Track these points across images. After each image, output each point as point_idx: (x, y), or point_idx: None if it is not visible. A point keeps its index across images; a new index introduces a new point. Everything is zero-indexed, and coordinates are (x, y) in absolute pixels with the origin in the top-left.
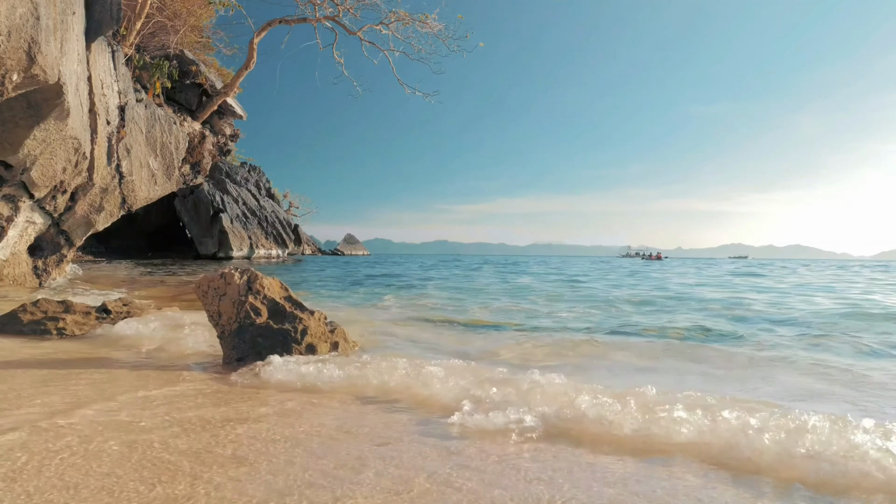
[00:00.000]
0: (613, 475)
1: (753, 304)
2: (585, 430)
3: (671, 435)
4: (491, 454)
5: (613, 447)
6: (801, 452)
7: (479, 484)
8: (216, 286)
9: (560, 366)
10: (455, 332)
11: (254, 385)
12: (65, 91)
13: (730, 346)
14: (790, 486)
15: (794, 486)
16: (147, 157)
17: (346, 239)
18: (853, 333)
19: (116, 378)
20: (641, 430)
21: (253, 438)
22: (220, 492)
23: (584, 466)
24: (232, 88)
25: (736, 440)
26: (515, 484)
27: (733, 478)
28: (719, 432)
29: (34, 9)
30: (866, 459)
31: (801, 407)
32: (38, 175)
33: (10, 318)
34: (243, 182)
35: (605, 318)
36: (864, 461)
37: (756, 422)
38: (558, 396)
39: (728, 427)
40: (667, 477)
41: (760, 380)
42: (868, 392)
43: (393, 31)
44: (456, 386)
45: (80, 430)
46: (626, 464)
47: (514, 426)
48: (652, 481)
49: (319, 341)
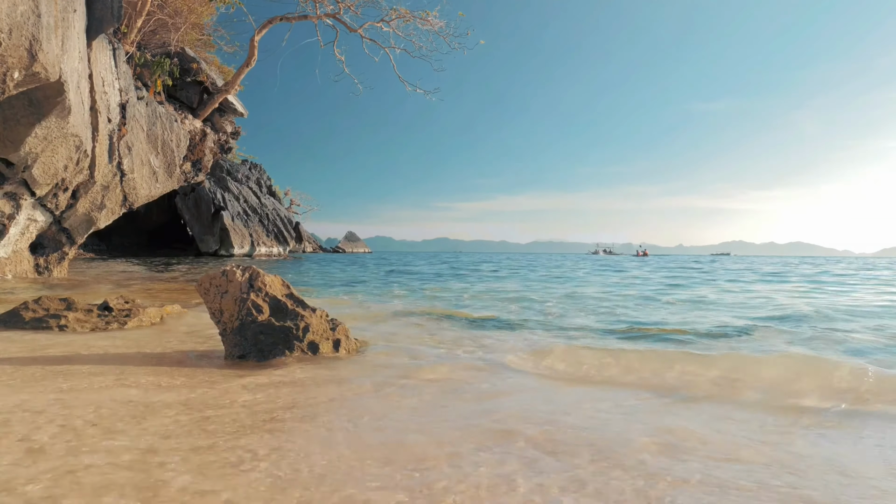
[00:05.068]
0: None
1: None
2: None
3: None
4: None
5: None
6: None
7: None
8: (218, 284)
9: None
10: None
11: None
12: (66, 89)
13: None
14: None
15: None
16: (148, 155)
17: (348, 236)
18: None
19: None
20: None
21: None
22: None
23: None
24: (233, 86)
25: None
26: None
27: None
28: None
29: (35, 6)
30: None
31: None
32: (39, 173)
33: (11, 315)
34: (244, 180)
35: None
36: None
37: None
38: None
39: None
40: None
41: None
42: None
43: (394, 28)
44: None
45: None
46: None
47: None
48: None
49: (321, 339)
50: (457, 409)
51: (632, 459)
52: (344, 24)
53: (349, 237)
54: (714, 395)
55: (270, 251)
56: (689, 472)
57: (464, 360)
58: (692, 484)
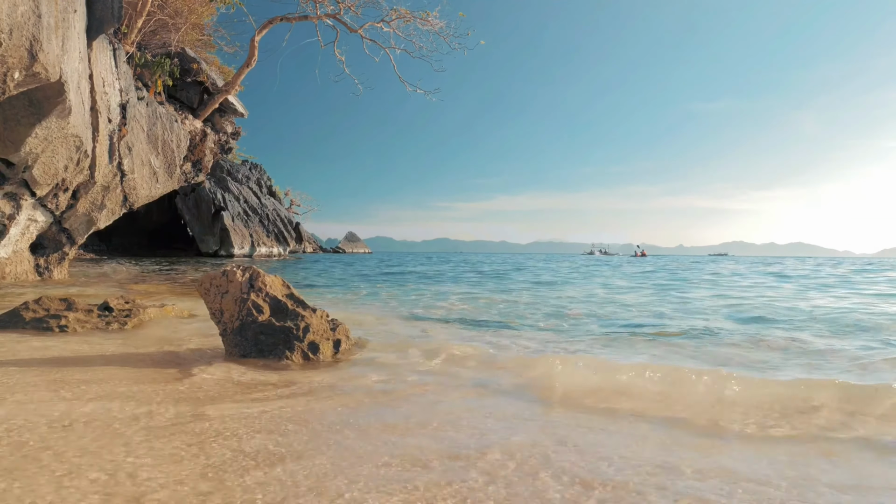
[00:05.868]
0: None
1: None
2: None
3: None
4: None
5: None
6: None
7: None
8: (218, 284)
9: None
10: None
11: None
12: (66, 89)
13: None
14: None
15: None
16: (148, 155)
17: (348, 237)
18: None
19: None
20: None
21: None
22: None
23: None
24: (233, 86)
25: None
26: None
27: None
28: None
29: (36, 7)
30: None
31: None
32: (39, 173)
33: (11, 315)
34: (244, 180)
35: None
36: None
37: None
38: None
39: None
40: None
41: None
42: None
43: (394, 28)
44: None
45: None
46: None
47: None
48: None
49: (322, 339)
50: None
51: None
52: (344, 24)
53: (349, 237)
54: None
55: (271, 251)
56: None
57: (464, 364)
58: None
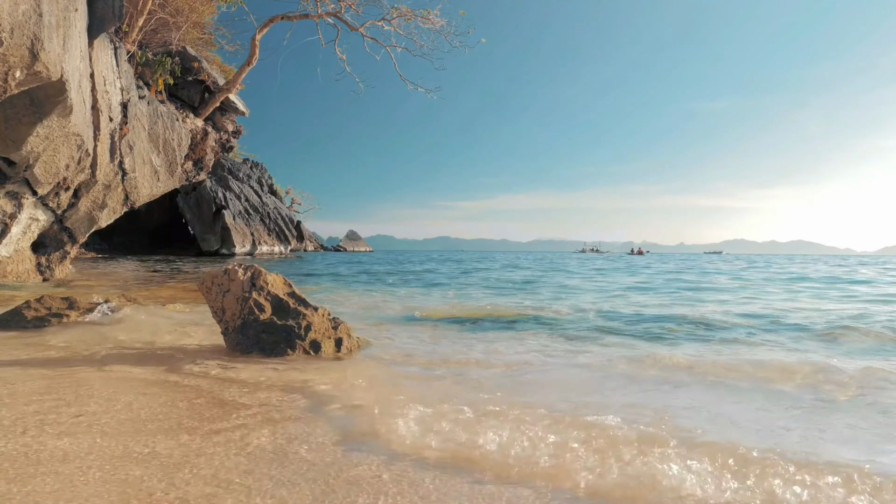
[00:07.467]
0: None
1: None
2: None
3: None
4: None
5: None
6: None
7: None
8: (220, 282)
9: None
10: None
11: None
12: (67, 88)
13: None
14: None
15: None
16: (150, 154)
17: (349, 235)
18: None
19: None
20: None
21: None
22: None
23: None
24: (234, 85)
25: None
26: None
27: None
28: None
29: (37, 6)
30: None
31: None
32: (41, 172)
33: (13, 314)
34: (245, 178)
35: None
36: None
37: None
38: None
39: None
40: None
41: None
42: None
43: (395, 27)
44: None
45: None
46: None
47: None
48: None
49: (323, 337)
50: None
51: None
52: (345, 22)
53: (350, 236)
54: None
55: (272, 250)
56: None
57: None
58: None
